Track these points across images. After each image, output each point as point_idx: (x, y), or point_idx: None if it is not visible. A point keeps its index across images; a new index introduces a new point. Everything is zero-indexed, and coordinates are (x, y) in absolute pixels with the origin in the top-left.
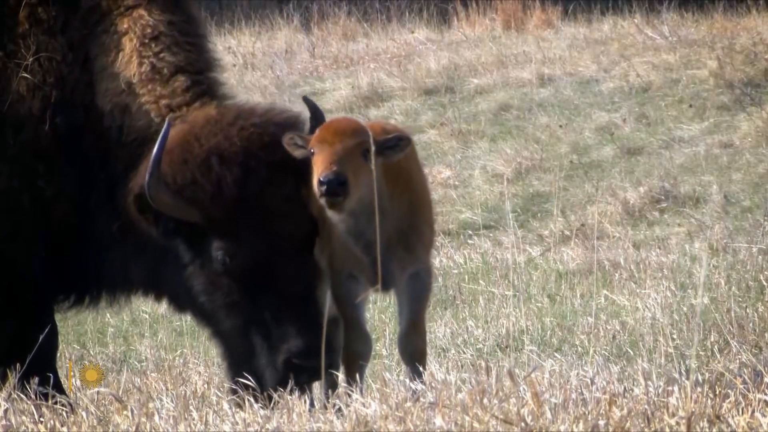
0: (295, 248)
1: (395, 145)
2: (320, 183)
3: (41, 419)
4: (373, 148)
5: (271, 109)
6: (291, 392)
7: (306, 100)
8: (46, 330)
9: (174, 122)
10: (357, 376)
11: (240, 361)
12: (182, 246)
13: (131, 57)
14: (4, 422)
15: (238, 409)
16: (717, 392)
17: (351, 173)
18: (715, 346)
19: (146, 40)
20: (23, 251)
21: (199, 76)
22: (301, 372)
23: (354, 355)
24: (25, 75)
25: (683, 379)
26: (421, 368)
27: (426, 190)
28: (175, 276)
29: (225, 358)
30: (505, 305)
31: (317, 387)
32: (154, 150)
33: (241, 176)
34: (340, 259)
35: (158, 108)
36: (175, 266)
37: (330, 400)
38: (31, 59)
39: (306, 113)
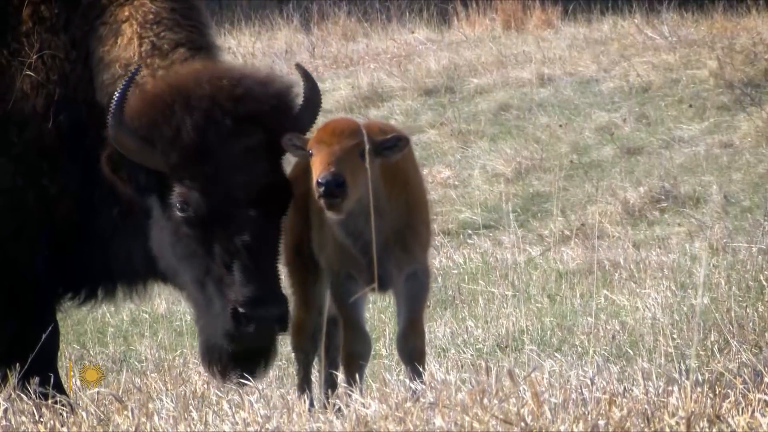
0: (253, 201)
1: (394, 146)
2: (318, 184)
3: (41, 419)
4: (368, 148)
5: (259, 69)
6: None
7: (298, 66)
8: (48, 330)
9: (156, 73)
10: (357, 376)
11: (203, 317)
12: (156, 204)
13: (131, 39)
14: (4, 422)
15: (238, 409)
16: (717, 392)
17: (349, 174)
18: (715, 346)
19: (147, 24)
20: (26, 250)
21: (200, 51)
22: (250, 322)
23: (353, 355)
24: (29, 73)
25: (683, 379)
26: (420, 368)
27: (423, 190)
28: (157, 242)
29: (194, 318)
30: (505, 305)
31: (317, 387)
32: (118, 90)
33: (202, 123)
34: (337, 259)
35: (154, 80)
36: (158, 232)
37: (330, 400)
38: (34, 57)
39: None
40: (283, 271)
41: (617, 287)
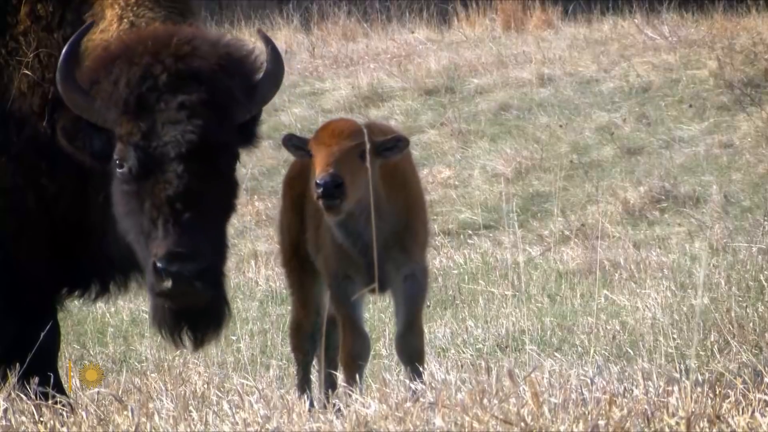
0: (182, 157)
1: (394, 147)
2: (317, 185)
3: (41, 419)
4: (368, 148)
5: (224, 35)
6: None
7: (259, 32)
8: (48, 329)
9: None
10: (356, 376)
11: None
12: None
13: (111, 22)
14: (4, 422)
15: (238, 409)
16: (717, 392)
17: (348, 175)
18: (715, 346)
19: (129, 6)
20: (26, 250)
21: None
22: (167, 276)
23: (352, 356)
24: (27, 72)
25: (683, 379)
26: (420, 368)
27: (420, 190)
28: (114, 206)
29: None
30: (504, 305)
31: (316, 387)
32: (66, 45)
33: (138, 77)
34: (335, 260)
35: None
36: (113, 196)
37: (330, 400)
38: (31, 56)
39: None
40: (282, 272)
41: (617, 287)
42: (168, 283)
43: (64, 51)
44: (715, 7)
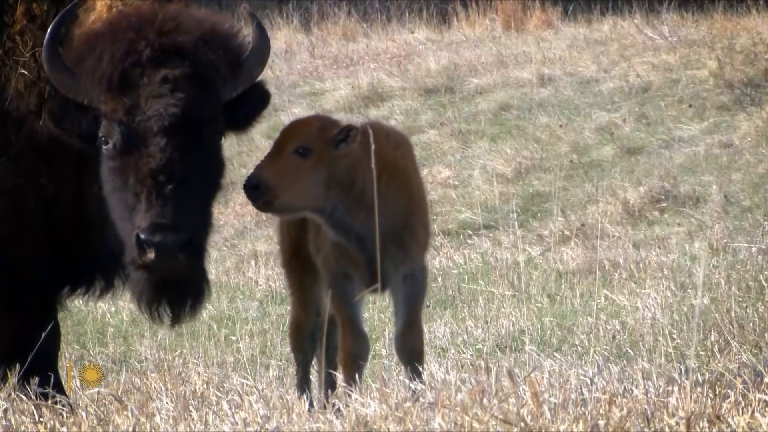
0: (165, 130)
1: (346, 137)
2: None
3: (41, 419)
4: (315, 146)
5: (212, 12)
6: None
7: (244, 8)
8: (48, 329)
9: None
10: (356, 376)
11: (124, 252)
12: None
13: (101, 13)
14: (4, 422)
15: (237, 409)
16: (717, 392)
17: (276, 174)
18: (715, 346)
19: None
20: (27, 251)
21: None
22: (150, 247)
23: (351, 356)
24: (23, 72)
25: (683, 379)
26: (420, 368)
27: (422, 191)
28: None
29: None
30: (504, 305)
31: (316, 387)
32: (51, 24)
33: (122, 53)
34: (335, 258)
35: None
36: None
37: (329, 400)
38: (28, 55)
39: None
40: (281, 273)
41: (617, 287)
42: (151, 255)
43: (49, 30)
44: (715, 7)
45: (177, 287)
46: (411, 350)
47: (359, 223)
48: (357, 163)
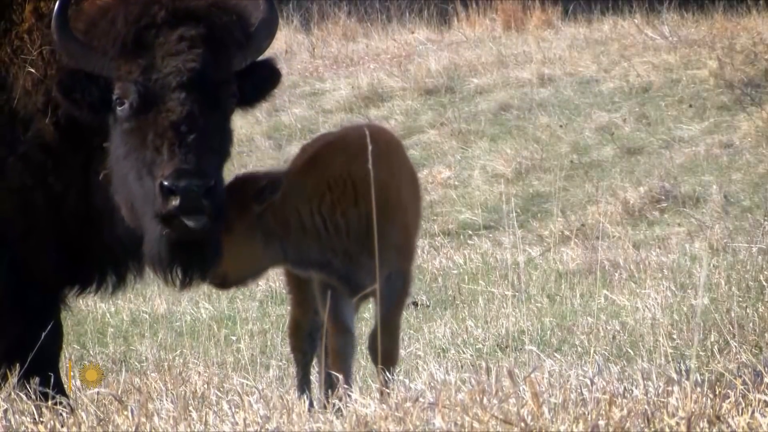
0: (183, 85)
1: (272, 191)
2: None
3: (41, 419)
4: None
5: None
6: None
7: None
8: (50, 329)
9: None
10: (343, 372)
11: (141, 214)
12: (110, 123)
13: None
14: (4, 422)
15: (237, 410)
16: (717, 392)
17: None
18: (715, 346)
19: None
20: (35, 251)
21: None
22: (174, 194)
23: (336, 350)
24: (31, 70)
25: (683, 379)
26: (388, 374)
27: (393, 193)
28: (110, 159)
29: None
30: (504, 305)
31: (316, 387)
32: None
33: (136, 15)
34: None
35: None
36: (111, 149)
37: (329, 400)
38: (35, 54)
39: None
40: (281, 273)
41: (617, 287)
42: (175, 202)
43: (58, 1)
44: (715, 7)
45: (193, 248)
46: (383, 351)
47: (314, 253)
48: (282, 203)
